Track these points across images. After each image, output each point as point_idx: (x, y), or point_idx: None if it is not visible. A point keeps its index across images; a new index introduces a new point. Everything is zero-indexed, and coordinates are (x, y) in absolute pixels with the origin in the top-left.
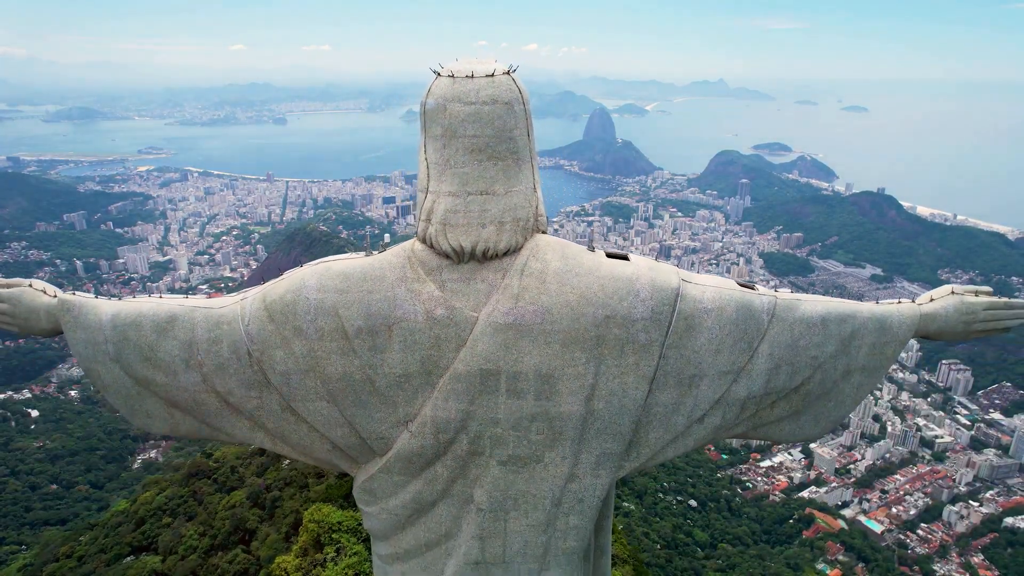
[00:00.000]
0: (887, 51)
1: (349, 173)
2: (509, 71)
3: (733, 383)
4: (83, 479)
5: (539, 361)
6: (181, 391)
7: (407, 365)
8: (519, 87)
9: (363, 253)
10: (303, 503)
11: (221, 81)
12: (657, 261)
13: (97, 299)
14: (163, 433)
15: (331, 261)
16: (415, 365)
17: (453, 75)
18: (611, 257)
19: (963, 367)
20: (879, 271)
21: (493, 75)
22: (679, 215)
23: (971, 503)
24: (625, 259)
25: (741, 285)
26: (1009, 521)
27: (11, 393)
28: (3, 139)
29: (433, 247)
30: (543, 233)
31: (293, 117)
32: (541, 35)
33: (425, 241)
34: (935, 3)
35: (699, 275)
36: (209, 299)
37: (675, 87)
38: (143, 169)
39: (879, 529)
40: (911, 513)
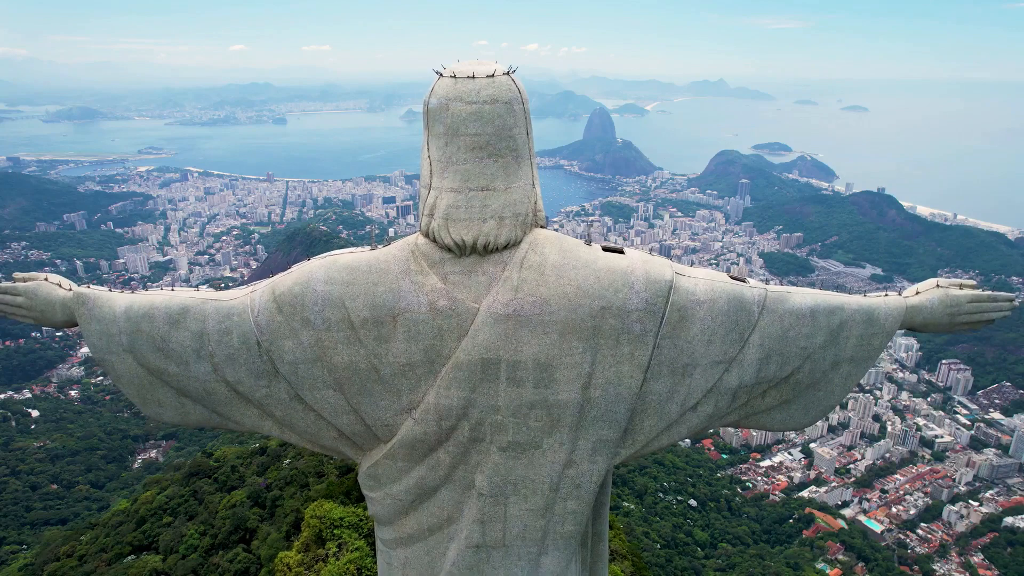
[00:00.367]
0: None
1: (349, 173)
2: (509, 72)
3: (725, 372)
4: (83, 479)
5: (538, 350)
6: (192, 380)
7: (411, 354)
8: (518, 87)
9: (368, 247)
10: (303, 502)
11: (221, 81)
12: (652, 255)
13: (111, 292)
14: (174, 422)
15: (337, 255)
16: (419, 354)
17: (455, 76)
18: (607, 251)
19: (963, 367)
20: (879, 271)
21: (493, 76)
22: (679, 215)
23: (971, 503)
24: (620, 253)
25: (732, 278)
26: (1009, 521)
27: (11, 393)
28: (3, 139)
29: (436, 241)
30: (542, 228)
31: (293, 117)
32: (541, 35)
33: (428, 235)
34: (935, 3)
35: (692, 268)
36: (219, 292)
37: (675, 87)
38: (143, 169)
39: (879, 529)
40: (911, 513)
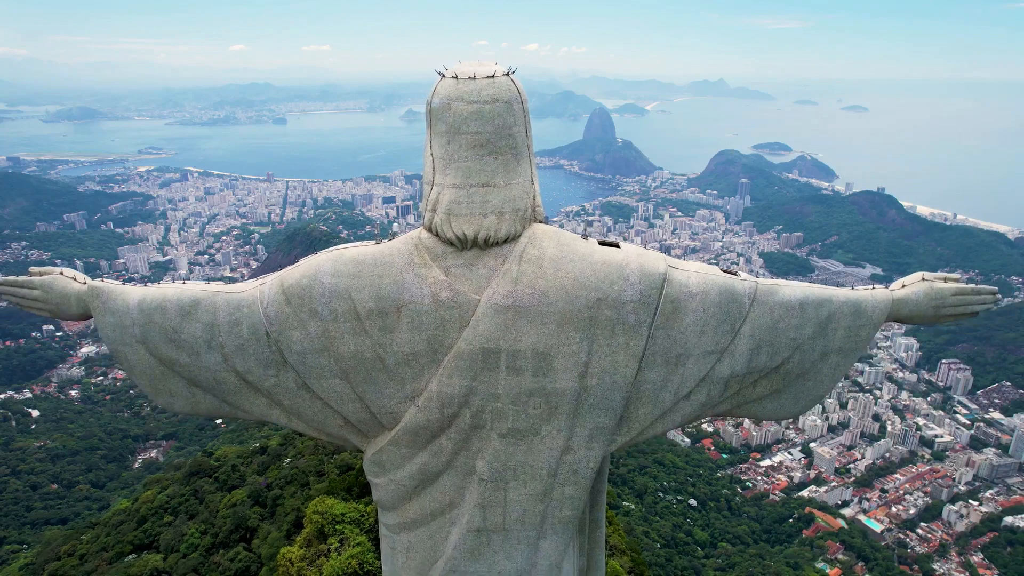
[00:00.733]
0: (887, 51)
1: (349, 173)
2: (508, 73)
3: (717, 362)
4: (84, 479)
5: (536, 340)
6: (203, 370)
7: (414, 344)
8: (518, 87)
9: (374, 241)
10: (304, 501)
11: (221, 81)
12: (646, 248)
13: (124, 285)
14: (185, 411)
15: (344, 248)
16: (422, 344)
17: (457, 76)
18: (603, 245)
19: (963, 366)
20: (879, 271)
21: (494, 76)
22: (679, 215)
23: (971, 502)
24: (616, 247)
25: (724, 271)
26: (1009, 520)
27: (12, 393)
28: (3, 139)
29: (438, 235)
30: (540, 222)
31: (293, 117)
32: (541, 35)
33: (431, 230)
34: (935, 2)
35: (685, 262)
36: (229, 284)
37: (675, 87)
38: (143, 169)
39: (879, 528)
40: (911, 512)
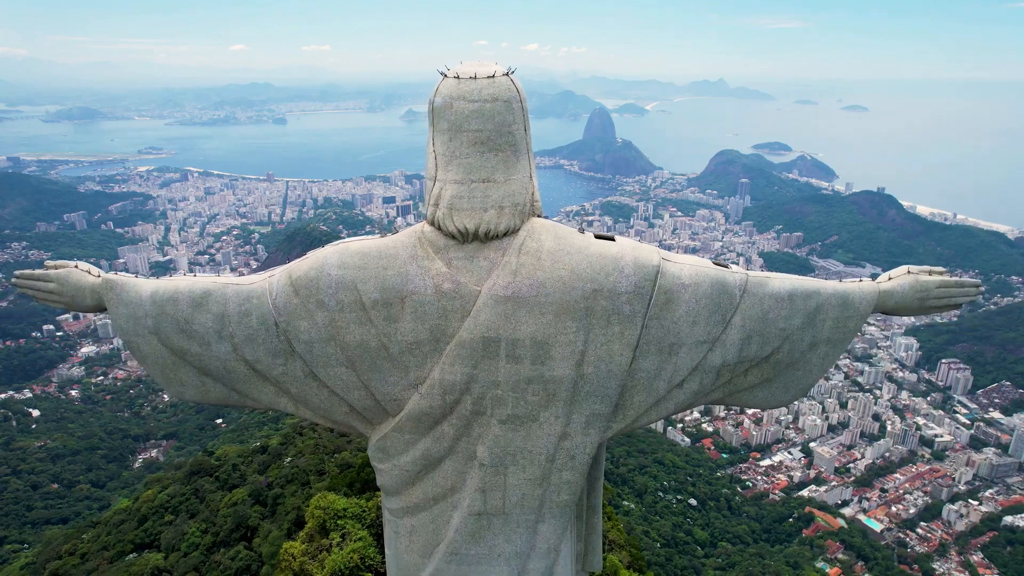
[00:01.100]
0: (887, 51)
1: (349, 173)
2: (508, 72)
3: (709, 352)
4: (84, 478)
5: (535, 329)
6: (213, 360)
7: (417, 333)
8: (517, 87)
9: (378, 234)
10: (304, 500)
11: (221, 81)
12: (640, 242)
13: (137, 278)
14: (195, 400)
15: (349, 242)
16: (425, 333)
17: (458, 76)
18: (599, 238)
19: (963, 366)
20: (879, 270)
21: (494, 76)
22: (679, 215)
23: (970, 502)
24: (612, 240)
25: (715, 264)
26: (1008, 520)
27: (12, 393)
28: (3, 139)
29: (441, 229)
30: (538, 216)
31: (293, 117)
32: (541, 35)
33: (433, 224)
34: (936, 2)
35: (678, 255)
36: (239, 277)
37: (675, 87)
38: (143, 169)
39: (879, 528)
40: (911, 512)
